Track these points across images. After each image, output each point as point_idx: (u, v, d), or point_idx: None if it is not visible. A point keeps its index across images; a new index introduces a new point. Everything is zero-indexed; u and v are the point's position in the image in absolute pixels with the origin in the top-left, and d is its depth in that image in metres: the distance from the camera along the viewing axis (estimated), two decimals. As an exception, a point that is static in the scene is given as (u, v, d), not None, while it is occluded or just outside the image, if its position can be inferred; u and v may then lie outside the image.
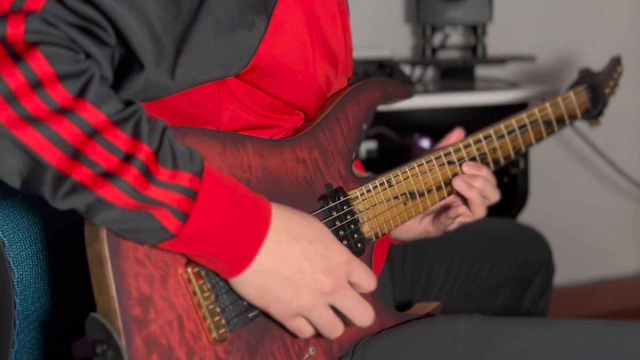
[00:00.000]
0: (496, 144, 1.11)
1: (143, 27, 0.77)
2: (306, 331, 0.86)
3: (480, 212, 1.09)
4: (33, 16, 0.72)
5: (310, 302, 0.83)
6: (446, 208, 1.10)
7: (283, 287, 0.82)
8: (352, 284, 0.87)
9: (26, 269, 0.90)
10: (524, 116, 1.14)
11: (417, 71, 2.04)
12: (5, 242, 0.87)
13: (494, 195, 1.09)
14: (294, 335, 0.88)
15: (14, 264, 0.88)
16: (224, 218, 0.78)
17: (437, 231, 1.14)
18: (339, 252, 0.85)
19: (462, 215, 1.11)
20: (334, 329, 0.86)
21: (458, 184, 1.06)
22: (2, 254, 0.87)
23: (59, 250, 0.95)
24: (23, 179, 0.72)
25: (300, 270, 0.82)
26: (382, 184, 1.00)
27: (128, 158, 0.73)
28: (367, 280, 0.88)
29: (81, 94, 0.72)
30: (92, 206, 0.73)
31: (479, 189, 1.07)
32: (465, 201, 1.10)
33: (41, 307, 0.93)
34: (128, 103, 0.76)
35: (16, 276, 0.88)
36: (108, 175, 0.72)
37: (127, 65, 0.79)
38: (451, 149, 1.07)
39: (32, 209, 0.92)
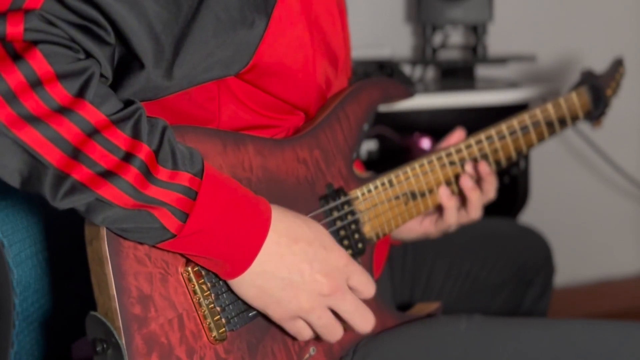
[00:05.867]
0: (498, 144, 1.11)
1: (143, 26, 0.76)
2: (305, 334, 0.86)
3: (476, 213, 1.11)
4: (32, 14, 0.72)
5: (309, 304, 0.83)
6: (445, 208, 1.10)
7: (282, 289, 0.82)
8: (350, 288, 0.86)
9: (25, 269, 0.89)
10: (525, 117, 1.13)
11: (418, 71, 2.04)
12: (5, 242, 0.87)
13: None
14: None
15: (13, 264, 0.88)
16: (224, 218, 0.78)
17: (438, 232, 1.14)
18: (338, 256, 0.85)
19: (462, 215, 1.11)
20: (333, 331, 0.86)
21: (465, 182, 1.07)
22: (1, 254, 0.87)
23: (59, 251, 0.95)
24: (23, 178, 0.72)
25: (299, 271, 0.82)
26: (383, 184, 1.00)
27: (128, 157, 0.73)
28: (366, 285, 0.87)
29: (80, 93, 0.72)
30: (92, 205, 0.72)
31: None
32: (463, 201, 1.10)
33: (40, 308, 0.93)
34: (128, 103, 0.76)
35: (15, 277, 0.88)
36: (108, 175, 0.72)
37: (126, 64, 0.78)
38: (452, 150, 1.07)
39: (31, 209, 0.92)
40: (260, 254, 0.80)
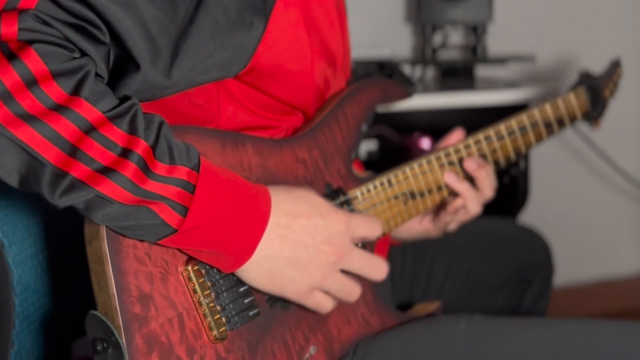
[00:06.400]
0: (496, 145, 1.11)
1: (138, 28, 0.77)
2: (326, 305, 0.88)
3: (474, 207, 1.09)
4: (26, 14, 0.72)
5: (320, 274, 0.85)
6: (445, 205, 1.10)
7: (290, 267, 0.83)
8: (359, 240, 0.89)
9: (25, 269, 0.89)
10: (524, 117, 1.14)
11: (417, 71, 2.04)
12: (5, 242, 0.87)
13: (490, 190, 1.09)
14: (294, 334, 0.88)
15: (13, 264, 0.88)
16: (224, 209, 0.78)
17: (438, 231, 1.14)
18: (337, 220, 0.86)
19: (460, 212, 1.10)
20: (351, 291, 0.88)
21: (447, 177, 1.06)
22: (1, 254, 0.87)
23: (59, 251, 0.95)
24: (21, 177, 0.72)
25: (304, 247, 0.83)
26: (382, 184, 1.00)
27: (125, 153, 0.73)
28: (371, 228, 0.90)
29: (76, 91, 0.72)
30: (92, 203, 0.73)
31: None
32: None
33: (41, 308, 0.93)
34: (123, 99, 0.76)
35: (15, 277, 0.88)
36: (106, 171, 0.72)
37: (123, 65, 0.79)
38: (451, 150, 1.07)
39: (31, 209, 0.92)
40: (262, 239, 0.81)
